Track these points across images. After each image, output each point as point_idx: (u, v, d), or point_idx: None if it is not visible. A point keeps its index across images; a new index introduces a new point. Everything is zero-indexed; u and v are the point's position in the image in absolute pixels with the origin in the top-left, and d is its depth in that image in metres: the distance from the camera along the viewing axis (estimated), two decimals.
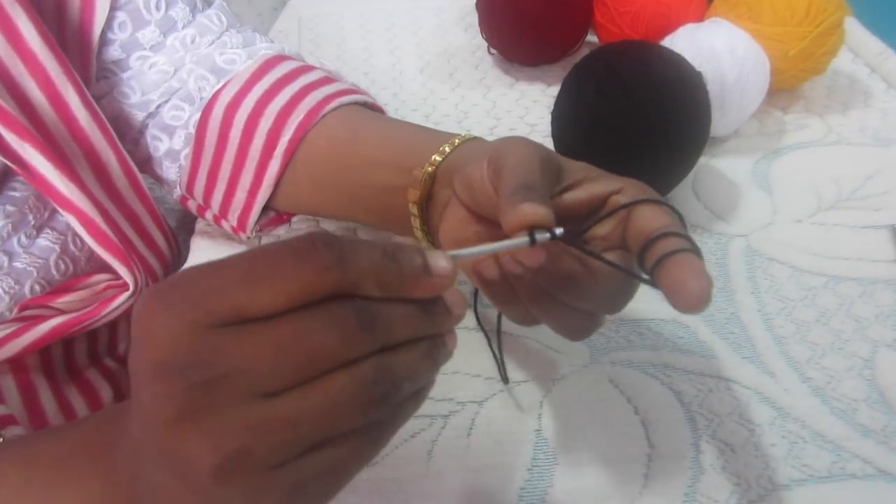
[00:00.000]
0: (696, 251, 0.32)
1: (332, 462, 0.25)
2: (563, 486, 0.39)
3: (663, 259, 0.31)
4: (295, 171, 0.50)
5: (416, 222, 0.44)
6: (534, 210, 0.31)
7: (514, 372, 0.45)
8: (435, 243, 0.44)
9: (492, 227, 0.39)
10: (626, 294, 0.36)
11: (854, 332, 0.46)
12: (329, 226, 0.56)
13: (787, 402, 0.42)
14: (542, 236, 0.31)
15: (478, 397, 0.44)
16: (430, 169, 0.42)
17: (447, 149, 0.42)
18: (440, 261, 0.27)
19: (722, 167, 0.60)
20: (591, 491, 0.39)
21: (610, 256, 0.35)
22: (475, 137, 0.44)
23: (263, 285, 0.23)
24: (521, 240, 0.31)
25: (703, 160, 0.57)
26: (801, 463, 0.39)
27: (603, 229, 0.36)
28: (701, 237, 0.53)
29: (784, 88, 0.67)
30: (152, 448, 0.25)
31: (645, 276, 0.33)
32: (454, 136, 0.44)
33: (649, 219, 0.34)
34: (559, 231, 0.31)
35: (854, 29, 0.74)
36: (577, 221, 0.37)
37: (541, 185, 0.34)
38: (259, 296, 0.23)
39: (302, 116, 0.49)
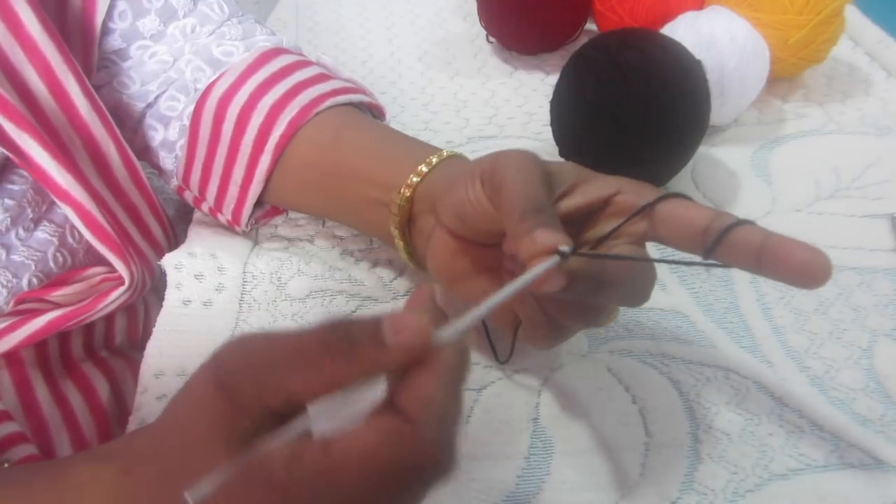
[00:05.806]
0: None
1: None
2: (560, 475, 0.39)
3: (765, 246, 0.31)
4: (282, 172, 0.49)
5: (399, 244, 0.44)
6: (552, 237, 0.30)
7: (512, 360, 0.45)
8: (422, 267, 0.44)
9: (482, 256, 0.39)
10: (650, 283, 0.36)
11: (852, 322, 0.46)
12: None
13: (785, 392, 0.42)
14: (553, 260, 0.30)
15: (476, 385, 0.44)
16: (407, 193, 0.42)
17: (424, 168, 0.42)
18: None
19: (721, 156, 0.60)
20: (588, 479, 0.39)
21: (622, 251, 0.35)
22: (454, 155, 0.44)
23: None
24: (538, 270, 0.30)
25: (702, 149, 0.56)
26: (799, 452, 0.39)
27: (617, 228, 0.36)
28: None
29: (784, 77, 0.67)
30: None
31: (712, 262, 0.33)
32: (434, 151, 0.44)
33: (691, 213, 0.34)
34: (569, 249, 0.30)
35: (854, 17, 0.74)
36: (581, 226, 0.37)
37: (548, 201, 0.33)
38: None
39: (294, 113, 0.48)
